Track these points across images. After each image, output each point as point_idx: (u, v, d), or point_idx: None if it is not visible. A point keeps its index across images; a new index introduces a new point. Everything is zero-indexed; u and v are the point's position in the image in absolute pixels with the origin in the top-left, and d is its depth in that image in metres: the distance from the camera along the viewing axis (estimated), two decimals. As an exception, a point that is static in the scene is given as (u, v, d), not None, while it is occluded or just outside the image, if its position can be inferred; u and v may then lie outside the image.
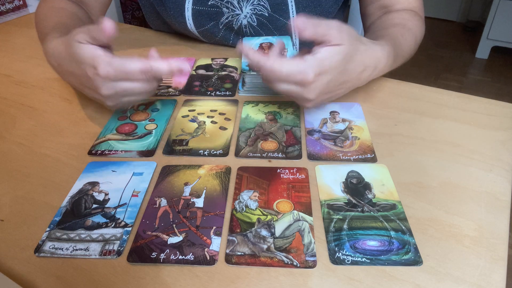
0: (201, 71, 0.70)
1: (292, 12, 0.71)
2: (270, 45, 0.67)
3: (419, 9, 0.70)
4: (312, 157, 0.50)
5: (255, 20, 0.72)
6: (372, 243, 0.39)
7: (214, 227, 0.41)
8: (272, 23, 0.72)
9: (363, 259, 0.38)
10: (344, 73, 0.48)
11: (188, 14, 0.72)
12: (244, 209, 0.43)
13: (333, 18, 0.78)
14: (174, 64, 0.47)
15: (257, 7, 0.70)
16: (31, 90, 0.66)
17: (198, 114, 0.59)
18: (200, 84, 0.66)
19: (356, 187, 0.46)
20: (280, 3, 0.70)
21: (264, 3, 0.70)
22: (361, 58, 0.49)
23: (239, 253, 0.38)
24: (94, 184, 0.47)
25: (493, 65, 2.55)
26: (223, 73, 0.70)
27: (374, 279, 0.36)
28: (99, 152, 0.52)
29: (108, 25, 0.44)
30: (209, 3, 0.71)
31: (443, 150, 0.51)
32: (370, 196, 0.45)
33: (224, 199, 0.45)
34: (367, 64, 0.51)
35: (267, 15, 0.71)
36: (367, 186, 0.46)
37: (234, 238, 0.40)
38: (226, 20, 0.73)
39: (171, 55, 0.76)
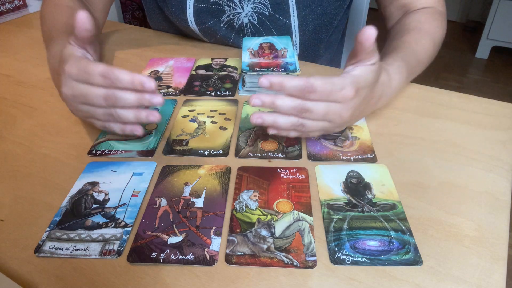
0: (201, 71, 0.70)
1: (293, 11, 0.71)
2: (270, 45, 0.67)
3: (439, 4, 0.68)
4: (312, 157, 0.50)
5: (256, 18, 0.72)
6: (372, 243, 0.39)
7: (214, 227, 0.41)
8: (272, 22, 0.72)
9: (363, 259, 0.38)
10: (372, 92, 0.47)
11: (190, 11, 0.72)
12: (244, 209, 0.43)
13: (338, 21, 0.78)
14: (137, 78, 0.42)
15: (258, 6, 0.71)
16: (31, 90, 0.66)
17: (198, 114, 0.59)
18: (200, 84, 0.66)
19: (356, 187, 0.46)
20: (280, 2, 0.70)
21: (265, 2, 0.70)
22: (382, 79, 0.49)
23: (239, 253, 0.38)
24: (94, 184, 0.47)
25: (493, 65, 2.55)
26: (223, 73, 0.70)
27: (374, 279, 0.36)
28: (99, 152, 0.52)
29: (81, 17, 0.43)
30: (210, 0, 0.71)
31: (443, 150, 0.51)
32: (370, 196, 0.45)
33: (224, 199, 0.45)
34: (385, 84, 0.50)
35: (267, 14, 0.71)
36: (367, 186, 0.46)
37: (234, 238, 0.40)
38: (227, 18, 0.73)
39: (171, 55, 0.76)
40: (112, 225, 0.42)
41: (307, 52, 0.79)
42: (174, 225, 0.42)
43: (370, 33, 0.41)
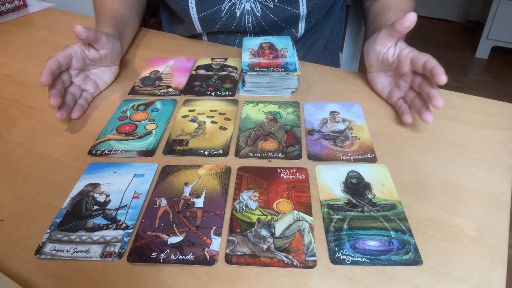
0: (201, 71, 0.70)
1: (302, 0, 0.71)
2: (270, 45, 0.67)
3: None
4: (312, 157, 0.50)
5: (259, 10, 0.72)
6: (372, 243, 0.39)
7: (214, 227, 0.41)
8: (277, 15, 0.72)
9: (363, 259, 0.38)
10: None
11: None
12: (244, 209, 0.43)
13: (332, 6, 0.80)
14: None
15: None
16: (31, 90, 0.66)
17: (198, 114, 0.59)
18: (200, 84, 0.66)
19: (356, 187, 0.46)
20: None
21: None
22: None
23: (239, 253, 0.39)
24: (95, 185, 0.47)
25: (493, 65, 2.55)
26: (223, 73, 0.70)
27: (374, 279, 0.36)
28: (99, 152, 0.52)
29: (77, 30, 0.56)
30: None
31: (443, 150, 0.51)
32: (370, 196, 0.45)
33: (224, 199, 0.45)
34: None
35: (272, 6, 0.71)
36: (367, 186, 0.46)
37: (234, 238, 0.40)
38: (230, 3, 0.72)
39: (171, 55, 0.76)
40: (113, 227, 0.42)
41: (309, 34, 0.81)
42: (174, 225, 0.42)
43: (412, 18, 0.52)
